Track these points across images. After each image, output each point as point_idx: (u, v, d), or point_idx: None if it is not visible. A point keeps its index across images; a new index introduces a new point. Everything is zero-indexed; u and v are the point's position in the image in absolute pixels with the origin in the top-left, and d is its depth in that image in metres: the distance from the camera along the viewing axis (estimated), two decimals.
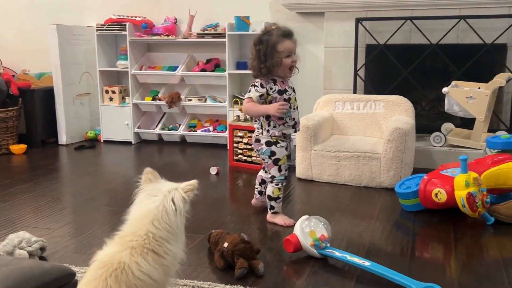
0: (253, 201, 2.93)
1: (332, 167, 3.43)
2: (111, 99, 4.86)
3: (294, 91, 2.68)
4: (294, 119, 2.65)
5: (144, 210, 1.58)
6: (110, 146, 4.76)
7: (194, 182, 1.64)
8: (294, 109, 2.66)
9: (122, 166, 4.11)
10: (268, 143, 2.64)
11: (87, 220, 2.81)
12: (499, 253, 2.32)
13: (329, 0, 4.17)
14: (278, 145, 2.64)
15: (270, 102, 2.59)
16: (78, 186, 3.50)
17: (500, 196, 2.86)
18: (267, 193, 2.72)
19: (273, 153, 2.64)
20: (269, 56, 2.52)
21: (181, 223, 1.62)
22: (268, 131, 2.63)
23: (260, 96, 2.58)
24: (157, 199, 1.59)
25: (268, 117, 2.61)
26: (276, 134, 2.62)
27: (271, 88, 2.58)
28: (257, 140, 2.68)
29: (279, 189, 2.69)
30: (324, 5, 4.23)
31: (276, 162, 2.65)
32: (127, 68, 4.76)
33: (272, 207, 2.72)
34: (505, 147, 2.92)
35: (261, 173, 2.87)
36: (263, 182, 2.85)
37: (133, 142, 4.84)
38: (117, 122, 4.85)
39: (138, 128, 4.88)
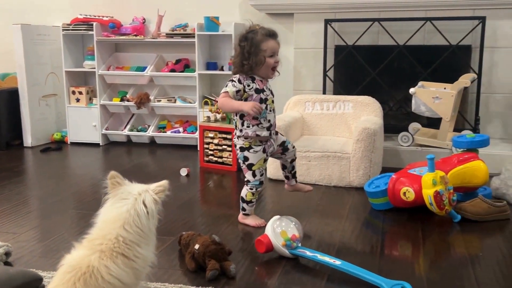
0: (286, 186, 2.92)
1: (302, 167, 3.45)
2: (78, 100, 4.77)
3: (272, 94, 2.65)
4: (269, 121, 2.62)
5: (114, 214, 1.55)
6: (77, 148, 4.67)
7: (164, 182, 1.62)
8: (270, 110, 2.62)
9: (90, 169, 4.04)
10: (241, 149, 2.63)
11: (54, 223, 2.75)
12: (465, 250, 2.37)
13: (298, 1, 4.20)
14: (251, 150, 2.62)
15: (246, 100, 2.56)
16: (44, 189, 3.42)
17: (466, 194, 2.92)
18: (241, 194, 2.71)
19: (246, 158, 2.63)
20: (253, 54, 2.50)
21: (153, 226, 1.60)
22: (241, 130, 2.61)
23: (237, 92, 2.54)
24: (128, 202, 1.56)
25: (242, 116, 2.58)
26: (250, 135, 2.59)
27: (248, 85, 2.55)
28: (235, 145, 2.68)
29: (253, 193, 2.68)
30: (293, 6, 4.25)
31: (249, 167, 2.63)
32: (94, 68, 4.69)
33: (243, 209, 2.71)
34: (471, 146, 2.98)
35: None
36: (284, 167, 2.83)
37: (101, 144, 4.76)
38: (84, 123, 4.76)
39: (106, 129, 4.81)
